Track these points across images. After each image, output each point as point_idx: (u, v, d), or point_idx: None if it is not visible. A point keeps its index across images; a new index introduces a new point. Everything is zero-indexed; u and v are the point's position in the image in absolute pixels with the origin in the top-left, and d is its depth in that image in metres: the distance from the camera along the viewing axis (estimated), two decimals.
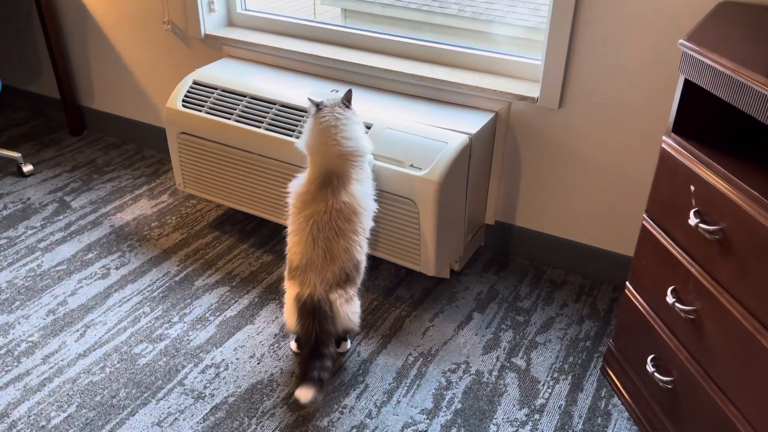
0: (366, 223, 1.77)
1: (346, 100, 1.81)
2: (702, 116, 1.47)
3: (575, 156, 2.07)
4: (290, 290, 1.72)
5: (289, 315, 1.73)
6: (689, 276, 1.42)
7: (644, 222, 1.58)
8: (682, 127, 1.47)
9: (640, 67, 1.86)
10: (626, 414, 1.73)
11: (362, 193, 1.75)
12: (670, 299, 1.46)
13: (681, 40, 1.39)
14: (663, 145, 1.49)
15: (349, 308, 1.72)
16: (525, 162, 2.16)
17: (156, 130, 2.94)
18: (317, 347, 1.65)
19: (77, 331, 1.97)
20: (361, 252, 1.75)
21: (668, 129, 1.49)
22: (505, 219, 2.30)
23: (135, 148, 3.03)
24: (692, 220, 1.36)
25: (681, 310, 1.43)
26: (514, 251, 2.34)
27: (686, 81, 1.42)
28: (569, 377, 1.84)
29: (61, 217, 2.51)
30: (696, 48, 1.34)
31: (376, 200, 1.88)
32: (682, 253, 1.44)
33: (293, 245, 1.73)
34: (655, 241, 1.54)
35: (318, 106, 1.79)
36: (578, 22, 1.88)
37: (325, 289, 1.67)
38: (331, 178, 1.72)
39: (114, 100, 3.00)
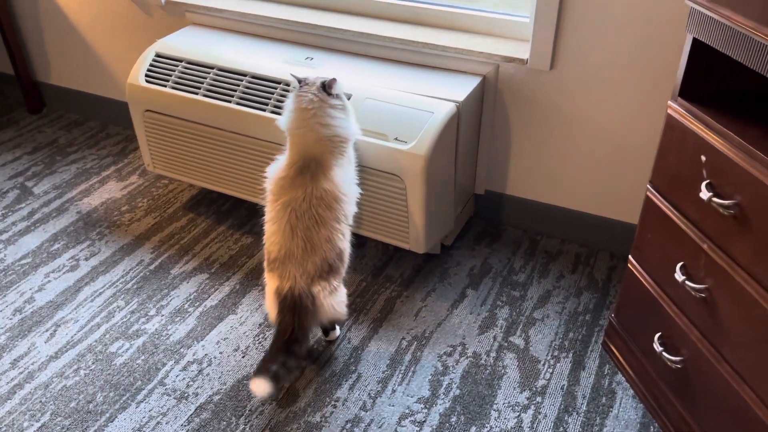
0: (349, 209, 1.64)
1: (329, 88, 1.64)
2: (710, 79, 1.36)
3: (569, 121, 1.95)
4: (270, 283, 1.61)
5: (270, 308, 1.62)
6: (700, 252, 1.32)
7: (649, 194, 1.48)
8: (689, 92, 1.36)
9: (639, 25, 1.73)
10: (631, 392, 1.66)
11: (344, 179, 1.63)
12: (679, 276, 1.37)
13: None
14: (669, 111, 1.37)
15: (334, 299, 1.61)
16: (515, 128, 2.04)
17: (120, 105, 2.76)
18: (289, 344, 1.53)
19: (47, 330, 1.85)
20: (344, 240, 1.63)
21: (674, 93, 1.37)
22: (496, 188, 2.19)
23: (99, 125, 2.85)
24: (704, 194, 1.26)
25: (691, 288, 1.34)
26: (506, 221, 2.23)
27: (695, 41, 1.30)
28: (570, 355, 1.76)
29: (23, 204, 2.35)
30: (706, 4, 1.21)
31: (359, 178, 1.76)
32: (692, 227, 1.34)
33: (270, 234, 1.61)
34: (661, 214, 1.44)
35: (301, 82, 1.64)
36: None
37: (306, 282, 1.55)
38: (310, 163, 1.59)
39: (73, 75, 2.81)
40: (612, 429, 1.57)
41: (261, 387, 1.48)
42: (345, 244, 1.64)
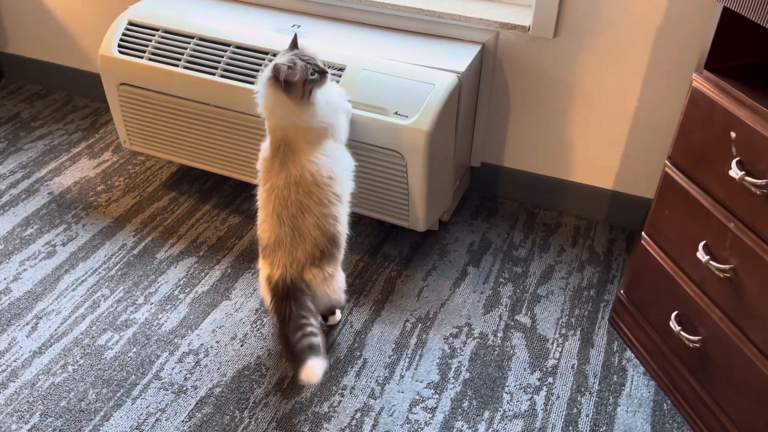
0: (340, 189, 1.52)
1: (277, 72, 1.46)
2: (736, 51, 1.30)
3: (571, 91, 1.88)
4: (262, 269, 1.52)
5: (264, 295, 1.53)
6: (726, 231, 1.28)
7: (667, 169, 1.43)
8: (715, 63, 1.30)
9: None
10: (642, 369, 1.64)
11: (330, 158, 1.50)
12: (702, 256, 1.33)
13: None
14: (694, 84, 1.31)
15: (330, 286, 1.53)
16: (514, 98, 1.96)
17: (87, 75, 2.58)
18: (296, 322, 1.43)
19: (27, 324, 1.73)
20: (337, 223, 1.52)
21: (699, 65, 1.31)
22: (492, 160, 2.12)
23: (64, 97, 2.67)
24: (735, 172, 1.21)
25: (717, 268, 1.30)
26: (502, 194, 2.18)
27: (725, 9, 1.23)
28: (578, 332, 1.73)
29: None
30: None
31: (355, 154, 1.67)
32: (718, 206, 1.30)
33: (262, 221, 1.52)
34: (681, 191, 1.39)
35: (275, 73, 1.44)
36: None
37: (297, 269, 1.46)
38: (281, 145, 1.48)
39: (33, 43, 2.61)
40: (626, 408, 1.55)
41: (310, 373, 1.36)
42: (339, 227, 1.53)
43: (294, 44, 1.52)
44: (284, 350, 1.46)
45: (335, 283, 1.55)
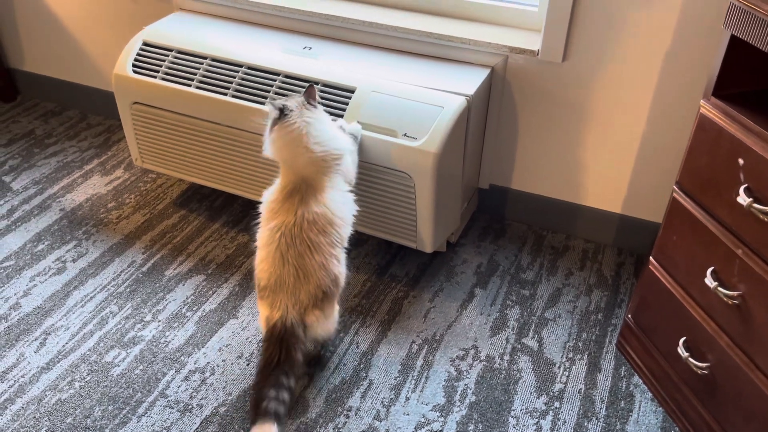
0: (344, 232, 1.54)
1: (311, 98, 1.56)
2: (743, 78, 1.30)
3: (579, 115, 1.89)
4: (261, 310, 1.51)
5: (264, 330, 1.51)
6: (734, 258, 1.28)
7: (675, 195, 1.43)
8: (722, 90, 1.30)
9: (664, 15, 1.67)
10: (649, 395, 1.62)
11: (339, 201, 1.53)
12: (710, 282, 1.32)
13: None
14: (702, 110, 1.32)
15: (327, 325, 1.53)
16: (522, 121, 1.97)
17: (101, 93, 2.62)
18: (277, 376, 1.40)
19: (36, 339, 1.74)
20: (339, 264, 1.53)
21: (707, 92, 1.32)
22: (500, 182, 2.13)
23: (78, 114, 2.70)
24: (743, 199, 1.21)
25: (725, 295, 1.30)
26: (510, 216, 2.18)
27: (732, 37, 1.24)
28: (585, 356, 1.72)
29: (1, 202, 2.22)
30: (749, 1, 1.15)
31: (366, 175, 1.68)
32: (726, 232, 1.30)
33: (261, 261, 1.50)
34: (689, 216, 1.39)
35: (282, 111, 1.51)
36: None
37: (299, 312, 1.45)
38: (301, 185, 1.50)
39: (49, 61, 2.65)
40: None
41: (264, 431, 1.34)
42: (341, 269, 1.54)
43: (309, 95, 1.57)
44: (252, 393, 1.43)
45: (332, 320, 1.56)
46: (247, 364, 1.68)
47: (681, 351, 1.46)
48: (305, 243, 1.45)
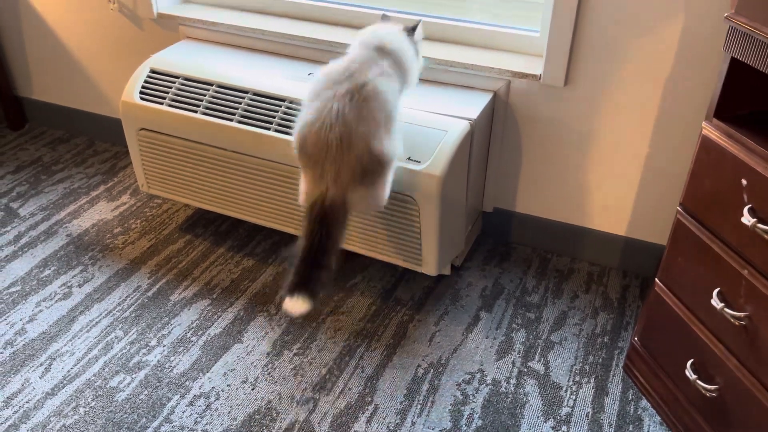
0: (392, 113, 1.52)
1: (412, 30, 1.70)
2: (745, 100, 1.32)
3: (582, 138, 1.91)
4: (302, 183, 1.51)
5: (301, 203, 1.54)
6: (740, 278, 1.28)
7: (679, 216, 1.43)
8: (724, 112, 1.31)
9: (665, 39, 1.69)
10: (658, 418, 1.61)
11: (392, 90, 1.55)
12: (717, 304, 1.32)
13: (728, 14, 1.22)
14: (704, 132, 1.33)
15: (372, 201, 1.53)
16: (525, 145, 1.99)
17: (108, 120, 2.65)
18: (317, 255, 1.44)
19: (41, 365, 1.74)
20: (388, 144, 1.49)
21: (709, 114, 1.33)
22: (504, 206, 2.13)
23: (85, 141, 2.73)
24: (747, 220, 1.22)
25: (731, 316, 1.29)
26: (515, 239, 2.18)
27: (733, 60, 1.25)
28: (592, 380, 1.71)
29: (8, 228, 2.23)
30: (748, 23, 1.17)
31: None
32: (731, 253, 1.30)
33: (306, 124, 1.46)
34: (694, 237, 1.39)
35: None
36: None
37: (341, 188, 1.44)
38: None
39: (57, 90, 2.69)
40: None
41: (297, 305, 1.41)
42: (390, 148, 1.50)
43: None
44: (293, 273, 1.45)
45: (377, 199, 1.55)
46: (252, 389, 1.68)
47: (689, 373, 1.45)
48: (354, 110, 1.44)
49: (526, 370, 1.74)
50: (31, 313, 1.89)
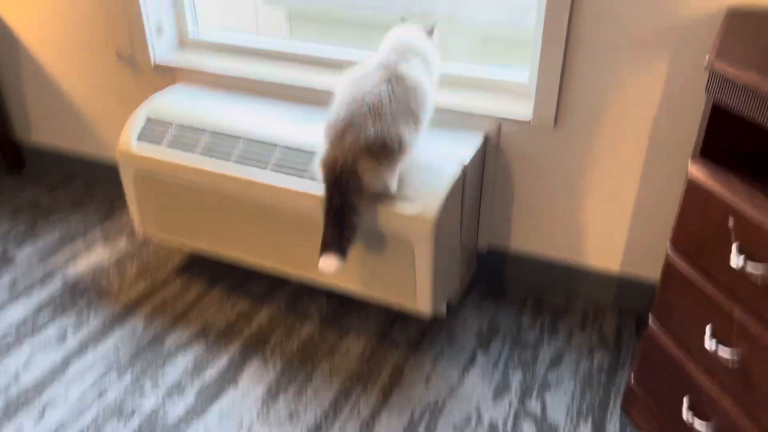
0: (424, 106, 1.67)
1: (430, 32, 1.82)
2: (730, 140, 1.34)
3: (574, 178, 1.93)
4: (321, 153, 1.63)
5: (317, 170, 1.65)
6: (731, 318, 1.29)
7: (669, 255, 1.44)
8: (709, 152, 1.34)
9: (650, 82, 1.73)
10: None
11: (426, 83, 1.69)
12: (711, 345, 1.32)
13: (708, 58, 1.25)
14: (690, 172, 1.35)
15: (378, 178, 1.62)
16: (518, 185, 2.01)
17: (105, 164, 2.68)
18: (341, 217, 1.57)
19: (35, 411, 1.72)
20: (405, 131, 1.60)
21: (694, 154, 1.35)
22: (498, 245, 2.15)
23: (82, 185, 2.75)
24: (735, 261, 1.23)
25: (723, 355, 1.30)
26: (509, 278, 2.19)
27: (714, 103, 1.28)
28: (589, 420, 1.70)
29: (3, 272, 2.24)
30: (729, 69, 1.20)
31: (364, 241, 1.70)
32: (721, 292, 1.31)
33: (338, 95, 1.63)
34: (684, 277, 1.40)
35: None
36: (574, 24, 1.74)
37: (354, 153, 1.54)
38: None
39: (55, 134, 2.72)
40: None
41: (328, 263, 1.56)
42: (407, 137, 1.61)
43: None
44: (323, 228, 1.59)
45: (383, 180, 1.64)
46: None
47: (685, 413, 1.44)
48: (386, 92, 1.58)
49: (523, 410, 1.73)
50: (25, 358, 1.89)
